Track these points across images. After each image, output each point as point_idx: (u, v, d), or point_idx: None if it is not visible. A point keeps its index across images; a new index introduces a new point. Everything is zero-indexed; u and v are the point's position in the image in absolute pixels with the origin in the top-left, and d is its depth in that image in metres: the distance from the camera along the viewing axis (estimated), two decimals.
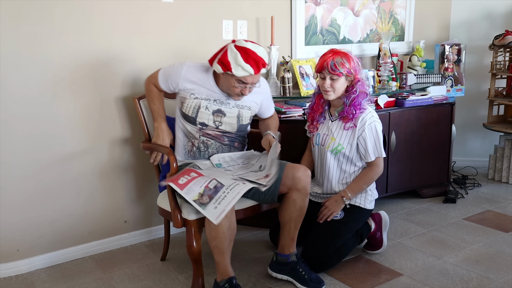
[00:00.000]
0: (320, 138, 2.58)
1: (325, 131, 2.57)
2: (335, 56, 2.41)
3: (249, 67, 2.18)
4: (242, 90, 2.27)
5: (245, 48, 2.20)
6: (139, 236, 2.93)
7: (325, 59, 2.41)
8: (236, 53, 2.18)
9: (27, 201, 2.55)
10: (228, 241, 2.14)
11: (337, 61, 2.40)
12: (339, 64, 2.40)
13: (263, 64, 2.22)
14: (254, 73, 2.20)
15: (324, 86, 2.43)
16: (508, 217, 3.19)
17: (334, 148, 2.52)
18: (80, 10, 2.53)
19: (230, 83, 2.26)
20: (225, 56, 2.21)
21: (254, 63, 2.19)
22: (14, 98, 2.44)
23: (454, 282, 2.38)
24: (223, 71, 2.22)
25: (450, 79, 3.74)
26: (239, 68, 2.18)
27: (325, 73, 2.42)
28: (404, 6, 3.89)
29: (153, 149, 2.50)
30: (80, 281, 2.49)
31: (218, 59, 2.24)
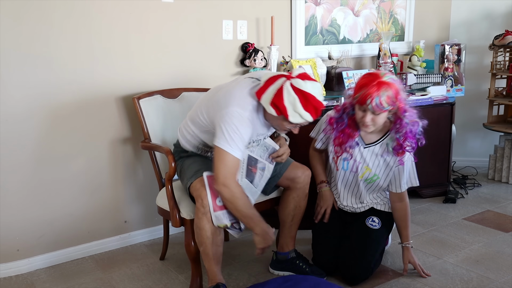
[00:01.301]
0: (350, 165, 2.37)
1: (357, 157, 2.35)
2: (381, 91, 2.07)
3: (308, 116, 1.95)
4: (293, 130, 2.12)
5: (304, 92, 1.93)
6: (139, 236, 2.93)
7: (370, 94, 2.06)
8: (294, 98, 1.92)
9: (27, 201, 2.55)
10: (214, 246, 2.10)
11: (383, 99, 2.07)
12: (385, 101, 2.08)
13: (321, 108, 2.00)
14: (312, 119, 1.99)
15: (365, 121, 2.16)
16: (508, 217, 3.18)
17: (369, 178, 2.38)
18: (80, 10, 2.53)
19: (281, 125, 2.06)
20: (281, 100, 1.93)
21: (313, 110, 1.96)
22: (14, 98, 2.44)
23: (454, 282, 2.38)
24: (277, 115, 1.98)
25: (450, 79, 3.74)
26: (296, 115, 1.94)
27: (367, 108, 2.11)
28: (404, 6, 3.89)
29: (152, 148, 2.51)
30: (80, 281, 2.49)
31: (271, 101, 1.95)
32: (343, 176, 2.44)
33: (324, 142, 2.47)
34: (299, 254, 2.46)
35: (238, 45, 3.11)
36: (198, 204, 2.06)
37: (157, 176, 2.58)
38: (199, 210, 2.06)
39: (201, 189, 2.06)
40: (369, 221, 2.44)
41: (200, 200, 2.05)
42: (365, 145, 2.34)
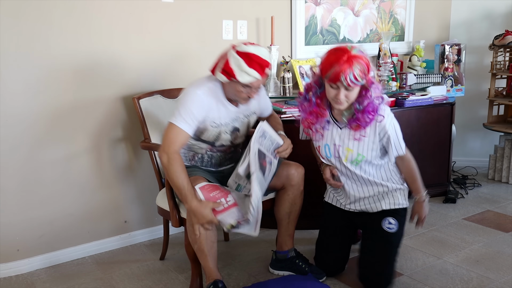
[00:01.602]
0: (330, 150, 2.26)
1: (335, 140, 2.23)
2: (353, 65, 1.98)
3: (254, 72, 2.10)
4: (249, 93, 2.19)
5: (248, 53, 2.10)
6: (139, 236, 2.93)
7: (342, 70, 1.97)
8: (238, 60, 2.09)
9: (27, 201, 2.55)
10: (209, 242, 2.12)
11: (356, 72, 1.99)
12: (358, 75, 2.00)
13: (267, 65, 2.14)
14: (261, 77, 2.13)
15: (339, 98, 2.05)
16: (508, 217, 3.18)
17: (354, 160, 2.24)
18: (80, 10, 2.53)
19: (236, 89, 2.17)
20: (228, 65, 2.11)
21: (258, 67, 2.11)
22: (14, 98, 2.44)
23: (454, 282, 2.38)
24: (228, 79, 2.14)
25: (450, 79, 3.74)
26: (243, 74, 2.09)
27: (340, 85, 2.01)
28: (404, 6, 3.89)
29: (152, 148, 2.51)
30: (80, 281, 2.49)
31: (221, 68, 2.14)
32: (335, 166, 2.30)
33: (302, 133, 2.44)
34: (298, 253, 2.46)
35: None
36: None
37: (157, 176, 2.58)
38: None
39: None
40: (385, 224, 2.28)
41: None
42: (341, 126, 2.21)
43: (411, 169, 2.35)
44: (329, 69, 2.00)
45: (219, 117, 2.24)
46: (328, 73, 2.01)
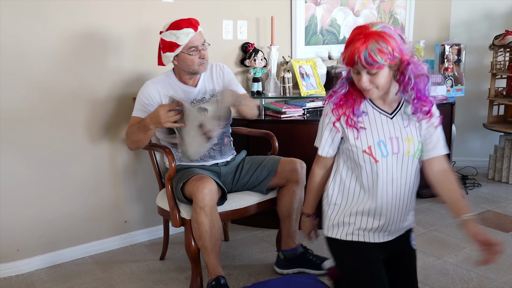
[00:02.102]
0: (387, 147, 1.72)
1: (391, 133, 1.73)
2: (369, 42, 1.58)
3: (187, 29, 2.26)
4: (200, 55, 2.31)
5: (171, 23, 2.29)
6: (139, 236, 2.93)
7: (356, 48, 1.59)
8: (168, 32, 2.28)
9: (27, 201, 2.55)
10: (213, 239, 2.14)
11: (373, 50, 1.58)
12: (377, 53, 1.58)
13: (195, 21, 2.31)
14: (195, 31, 2.28)
15: (362, 85, 1.66)
16: (508, 217, 3.18)
17: (417, 150, 1.76)
18: (80, 10, 2.53)
19: (187, 59, 2.30)
20: (164, 42, 2.30)
21: (188, 24, 2.27)
22: (14, 98, 2.44)
23: (454, 282, 2.38)
24: (173, 51, 2.28)
25: (450, 79, 3.74)
26: (180, 36, 2.25)
27: (359, 68, 1.62)
28: (404, 6, 3.89)
29: (152, 148, 2.51)
30: (80, 281, 2.49)
31: (161, 50, 2.33)
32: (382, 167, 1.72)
33: (331, 143, 1.79)
34: (306, 247, 2.47)
35: (238, 45, 3.11)
36: (195, 199, 2.10)
37: (157, 176, 2.58)
38: (196, 205, 2.09)
39: (198, 184, 2.10)
40: (412, 240, 1.88)
41: (197, 195, 2.08)
42: (390, 116, 1.75)
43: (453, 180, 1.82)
44: (346, 51, 1.65)
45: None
46: (345, 55, 1.65)
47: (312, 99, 3.13)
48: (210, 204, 2.09)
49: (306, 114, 3.03)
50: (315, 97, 3.12)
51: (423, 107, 1.71)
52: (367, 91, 1.69)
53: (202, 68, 2.35)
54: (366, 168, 1.73)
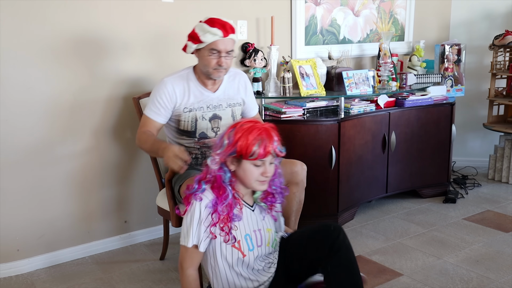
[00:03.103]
0: (253, 240, 1.82)
1: (253, 226, 1.83)
2: (274, 133, 1.77)
3: (216, 30, 2.17)
4: (218, 61, 2.22)
5: (210, 18, 2.23)
6: (139, 236, 2.93)
7: (270, 140, 1.73)
8: (201, 24, 2.21)
9: (27, 201, 2.55)
10: None
11: (278, 140, 1.77)
12: (279, 140, 1.78)
13: (230, 27, 2.20)
14: (223, 36, 2.18)
15: (267, 175, 1.76)
16: (508, 217, 3.18)
17: (274, 240, 1.89)
18: (80, 10, 2.53)
19: (204, 58, 2.23)
20: (193, 31, 2.24)
21: (221, 26, 2.18)
22: (14, 98, 2.44)
23: (454, 282, 2.38)
24: (194, 44, 2.22)
25: (450, 79, 3.74)
26: (207, 34, 2.17)
27: (268, 159, 1.75)
28: (404, 6, 3.89)
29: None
30: (80, 281, 2.49)
31: (188, 37, 2.27)
32: (249, 259, 1.80)
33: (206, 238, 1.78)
34: None
35: (238, 45, 3.11)
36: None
37: (157, 176, 2.58)
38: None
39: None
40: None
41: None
42: (252, 208, 1.87)
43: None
44: (253, 147, 1.70)
45: (190, 102, 2.30)
46: (253, 151, 1.70)
47: (312, 99, 3.13)
48: None
49: (306, 114, 3.03)
50: (315, 97, 3.12)
51: (272, 200, 1.86)
52: (263, 182, 1.77)
53: (216, 73, 2.26)
54: (233, 260, 1.79)
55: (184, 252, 1.80)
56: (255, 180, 1.76)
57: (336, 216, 3.03)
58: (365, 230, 3.03)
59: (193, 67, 2.37)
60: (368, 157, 3.17)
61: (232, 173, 1.77)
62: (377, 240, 2.88)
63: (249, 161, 1.73)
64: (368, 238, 2.90)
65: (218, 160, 1.75)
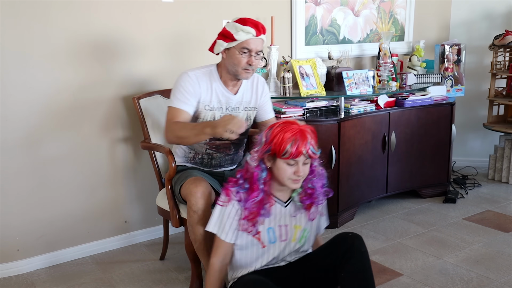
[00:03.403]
0: (276, 233, 1.89)
1: (281, 221, 1.91)
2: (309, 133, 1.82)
3: (249, 29, 2.15)
4: (249, 60, 2.19)
5: (241, 18, 2.21)
6: (139, 236, 2.93)
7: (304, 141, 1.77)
8: (233, 23, 2.19)
9: (27, 201, 2.55)
10: (208, 242, 2.11)
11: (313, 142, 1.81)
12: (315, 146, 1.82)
13: (262, 27, 2.21)
14: (256, 35, 2.17)
15: (299, 174, 1.80)
16: (508, 217, 3.18)
17: (302, 237, 1.94)
18: (80, 10, 2.53)
19: (234, 57, 2.19)
20: (224, 29, 2.21)
21: (253, 25, 2.17)
22: (14, 98, 2.44)
23: (454, 282, 2.38)
24: (226, 42, 2.18)
25: (450, 79, 3.74)
26: (240, 32, 2.15)
27: (301, 159, 1.79)
28: (404, 6, 3.89)
29: (152, 148, 2.51)
30: (80, 281, 2.49)
31: (219, 35, 2.22)
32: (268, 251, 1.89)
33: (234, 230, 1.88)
34: None
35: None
36: (189, 203, 2.09)
37: (157, 176, 2.58)
38: (190, 209, 2.08)
39: (191, 188, 2.09)
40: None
41: (190, 199, 2.07)
42: (284, 204, 1.93)
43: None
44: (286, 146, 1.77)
45: (211, 100, 2.26)
46: (286, 150, 1.77)
47: (312, 99, 3.13)
48: (203, 208, 2.07)
49: (306, 114, 3.03)
50: (315, 97, 3.12)
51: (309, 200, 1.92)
52: (297, 181, 1.83)
53: (244, 74, 2.22)
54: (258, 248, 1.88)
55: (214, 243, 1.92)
56: (288, 178, 1.82)
57: (336, 216, 3.03)
58: (365, 230, 3.03)
59: (216, 65, 2.33)
60: (368, 157, 3.17)
61: (268, 171, 1.85)
62: (377, 240, 2.88)
63: (282, 160, 1.79)
64: (368, 238, 2.91)
65: (256, 157, 1.83)
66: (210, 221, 1.91)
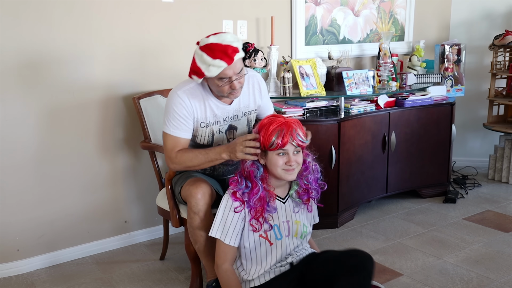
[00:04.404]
0: (281, 230, 1.95)
1: (282, 217, 1.96)
2: (295, 123, 1.87)
3: (219, 62, 1.96)
4: (231, 85, 2.04)
5: (208, 44, 2.00)
6: (139, 236, 2.93)
7: (289, 130, 1.83)
8: (202, 55, 1.98)
9: (27, 201, 2.55)
10: (209, 242, 2.11)
11: (299, 131, 1.87)
12: (303, 134, 1.88)
13: (233, 50, 1.97)
14: (228, 64, 1.97)
15: (291, 164, 1.85)
16: (508, 217, 3.18)
17: (303, 232, 2.00)
18: (80, 10, 2.54)
19: (215, 85, 2.06)
20: (194, 64, 2.02)
21: (223, 55, 1.96)
22: (14, 98, 2.44)
23: (454, 282, 2.38)
24: (199, 78, 2.04)
25: (450, 79, 3.74)
26: (210, 68, 1.97)
27: (289, 148, 1.85)
28: (404, 6, 3.89)
29: (152, 148, 2.51)
30: (80, 281, 2.49)
31: (190, 70, 2.06)
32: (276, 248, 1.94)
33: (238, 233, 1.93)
34: None
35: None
36: (189, 204, 2.08)
37: (157, 176, 2.58)
38: (190, 210, 2.07)
39: (191, 189, 2.07)
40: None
41: (190, 200, 2.06)
42: (283, 200, 1.99)
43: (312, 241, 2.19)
44: (272, 137, 1.84)
45: (206, 116, 2.14)
46: (272, 141, 1.83)
47: (312, 99, 3.13)
48: (204, 209, 2.06)
49: (306, 114, 3.03)
50: (315, 97, 3.12)
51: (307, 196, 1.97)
52: (291, 171, 1.87)
53: (232, 96, 2.10)
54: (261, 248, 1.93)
55: (217, 248, 1.96)
56: (281, 169, 1.87)
57: (336, 216, 3.03)
58: (365, 230, 3.03)
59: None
60: (368, 157, 3.17)
61: (264, 168, 1.91)
62: (377, 240, 2.88)
63: (272, 152, 1.86)
64: (368, 238, 2.91)
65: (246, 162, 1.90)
66: (213, 226, 1.93)
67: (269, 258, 1.94)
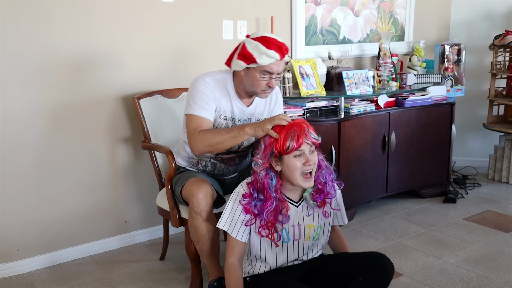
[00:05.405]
0: (289, 233, 1.92)
1: (293, 220, 1.93)
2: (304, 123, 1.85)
3: (273, 53, 2.04)
4: (269, 82, 2.10)
5: (263, 37, 2.08)
6: (139, 236, 2.93)
7: (302, 129, 1.81)
8: (256, 43, 2.05)
9: (27, 201, 2.55)
10: (211, 242, 2.12)
11: (311, 129, 1.85)
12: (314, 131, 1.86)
13: (286, 49, 2.09)
14: (280, 59, 2.06)
15: (309, 163, 1.83)
16: (508, 217, 3.18)
17: (316, 235, 1.97)
18: (80, 10, 2.54)
19: (254, 78, 2.09)
20: (245, 49, 2.07)
21: (277, 48, 2.05)
22: (14, 98, 2.44)
23: (454, 282, 2.38)
24: (247, 64, 2.07)
25: (450, 79, 3.74)
26: (263, 56, 2.03)
27: (305, 147, 1.82)
28: (404, 6, 3.89)
29: (152, 148, 2.51)
30: (80, 281, 2.49)
31: (237, 54, 2.10)
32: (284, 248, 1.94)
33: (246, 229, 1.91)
34: None
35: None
36: (191, 204, 2.08)
37: (157, 176, 2.58)
38: (192, 210, 2.08)
39: (193, 189, 2.08)
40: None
41: (192, 200, 2.06)
42: (296, 204, 1.95)
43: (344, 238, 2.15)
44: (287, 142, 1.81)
45: (226, 110, 2.18)
46: (288, 145, 1.81)
47: (312, 99, 3.13)
48: (206, 209, 2.06)
49: (306, 114, 3.03)
50: (315, 97, 3.12)
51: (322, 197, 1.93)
52: (308, 178, 1.84)
53: (263, 94, 2.15)
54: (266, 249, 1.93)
55: (227, 241, 1.94)
56: (300, 173, 1.83)
57: None
58: (365, 230, 3.03)
59: (232, 73, 2.21)
60: (368, 157, 3.17)
61: (278, 176, 1.87)
62: (377, 240, 2.88)
63: (289, 155, 1.82)
64: (368, 238, 2.91)
65: (261, 163, 1.86)
66: (221, 218, 1.93)
67: (274, 258, 1.95)
